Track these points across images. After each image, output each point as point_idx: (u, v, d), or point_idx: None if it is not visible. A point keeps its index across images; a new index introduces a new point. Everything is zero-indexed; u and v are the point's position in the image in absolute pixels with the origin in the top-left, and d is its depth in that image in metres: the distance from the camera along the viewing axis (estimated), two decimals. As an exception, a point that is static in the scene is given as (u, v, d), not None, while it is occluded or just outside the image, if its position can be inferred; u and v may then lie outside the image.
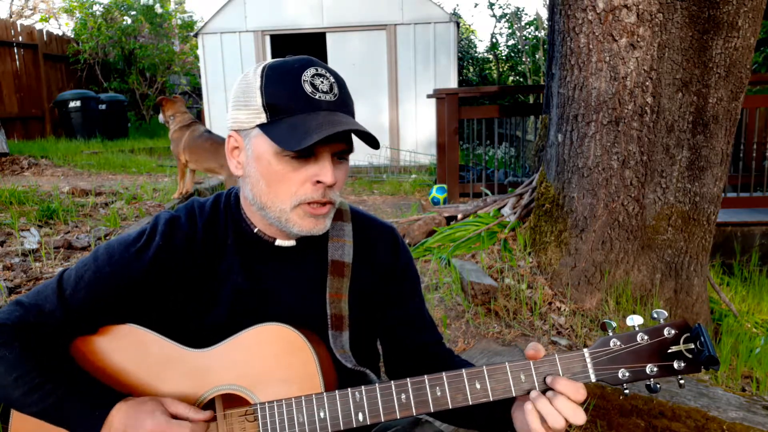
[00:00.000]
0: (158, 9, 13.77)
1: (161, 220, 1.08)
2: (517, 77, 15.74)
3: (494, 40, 16.23)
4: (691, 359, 0.93)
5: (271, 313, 1.04)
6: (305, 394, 0.96)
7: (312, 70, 0.99)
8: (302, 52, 1.23)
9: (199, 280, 1.07)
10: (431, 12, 8.93)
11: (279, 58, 1.04)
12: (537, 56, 14.27)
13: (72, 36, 13.17)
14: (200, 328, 1.05)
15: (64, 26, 19.53)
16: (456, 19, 9.35)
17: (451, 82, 8.96)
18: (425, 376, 0.94)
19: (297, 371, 0.97)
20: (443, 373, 0.94)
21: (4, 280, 2.87)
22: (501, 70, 16.05)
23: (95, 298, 1.01)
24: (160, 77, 13.62)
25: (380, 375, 1.24)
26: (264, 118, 0.98)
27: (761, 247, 4.21)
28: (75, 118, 10.66)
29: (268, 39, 9.24)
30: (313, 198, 0.98)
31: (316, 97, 0.97)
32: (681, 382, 0.95)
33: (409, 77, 9.10)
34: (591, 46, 2.90)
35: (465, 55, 15.62)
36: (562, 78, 3.09)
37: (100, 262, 1.03)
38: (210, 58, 9.32)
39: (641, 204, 2.97)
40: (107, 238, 3.79)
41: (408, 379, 0.95)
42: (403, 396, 0.94)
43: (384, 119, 9.27)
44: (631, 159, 2.92)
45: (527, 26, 15.22)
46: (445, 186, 5.54)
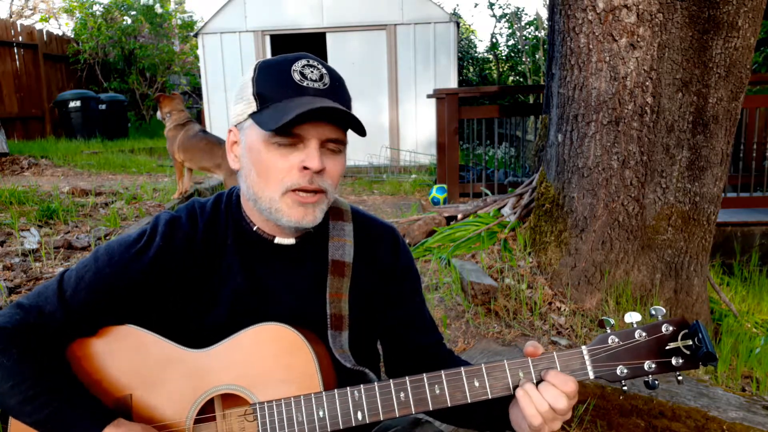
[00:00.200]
0: (158, 9, 13.77)
1: (161, 220, 1.08)
2: (517, 77, 15.74)
3: (494, 40, 16.25)
4: (689, 356, 0.93)
5: (271, 313, 1.04)
6: (304, 394, 0.96)
7: (303, 62, 1.00)
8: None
9: (199, 280, 1.06)
10: (431, 12, 8.93)
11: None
12: (537, 56, 14.27)
13: (72, 36, 13.17)
14: (200, 328, 1.05)
15: (64, 26, 19.56)
16: (456, 19, 9.35)
17: (451, 82, 8.96)
18: (424, 374, 0.94)
19: (296, 371, 0.97)
20: (442, 371, 0.94)
21: (4, 280, 2.87)
22: (501, 70, 16.06)
23: (96, 299, 1.01)
24: (160, 77, 13.61)
25: (380, 375, 1.23)
26: (255, 107, 1.00)
27: (761, 247, 4.21)
28: (75, 118, 10.66)
29: (268, 39, 9.24)
30: (300, 184, 0.98)
31: (304, 84, 0.98)
32: (680, 378, 0.95)
33: (409, 77, 9.10)
34: (591, 46, 2.90)
35: (465, 55, 15.62)
36: (562, 78, 3.09)
37: (100, 262, 1.03)
38: (210, 58, 9.32)
39: (641, 204, 2.97)
40: (107, 238, 3.79)
41: (407, 377, 0.94)
42: (402, 394, 0.94)
43: (384, 119, 9.27)
44: (631, 159, 2.92)
45: (527, 26, 15.23)
46: (445, 186, 5.54)
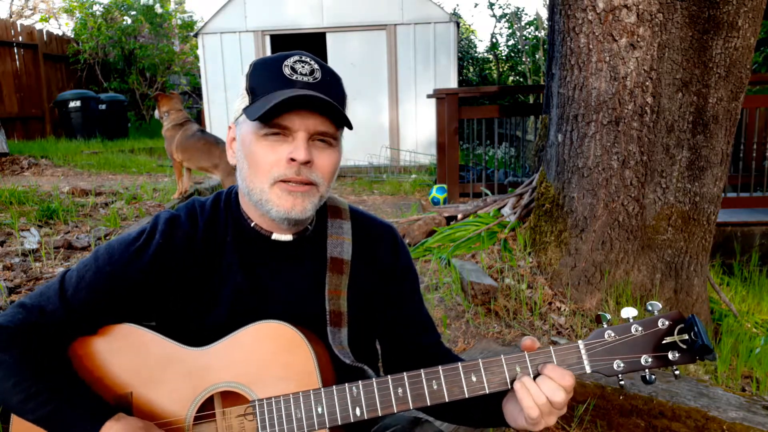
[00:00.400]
0: (158, 9, 13.77)
1: (161, 219, 1.08)
2: (517, 77, 15.75)
3: (494, 40, 16.26)
4: (686, 350, 0.93)
5: (270, 311, 1.05)
6: (303, 390, 0.96)
7: (296, 58, 1.01)
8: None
9: (199, 280, 1.07)
10: (431, 12, 8.93)
11: None
12: (537, 56, 14.27)
13: (72, 36, 13.18)
14: (201, 328, 1.05)
15: (64, 26, 19.55)
16: (456, 19, 9.35)
17: (451, 82, 8.96)
18: (422, 370, 0.95)
19: (295, 369, 0.98)
20: (439, 366, 0.95)
21: (4, 280, 2.87)
22: (501, 70, 16.06)
23: (96, 298, 1.01)
24: (160, 77, 13.62)
25: (379, 374, 1.24)
26: (247, 101, 1.02)
27: (761, 247, 4.21)
28: (75, 118, 10.66)
29: (268, 39, 9.24)
30: (287, 175, 0.99)
31: (293, 78, 0.99)
32: (676, 373, 0.96)
33: (409, 77, 9.10)
34: (591, 46, 2.90)
35: (465, 55, 15.62)
36: (562, 78, 3.09)
37: (100, 261, 1.03)
38: (210, 58, 9.32)
39: (641, 204, 2.97)
40: (107, 238, 3.79)
41: (405, 373, 0.95)
42: (399, 390, 0.94)
43: (384, 119, 9.27)
44: (631, 159, 2.92)
45: (527, 26, 15.23)
46: (445, 186, 5.54)
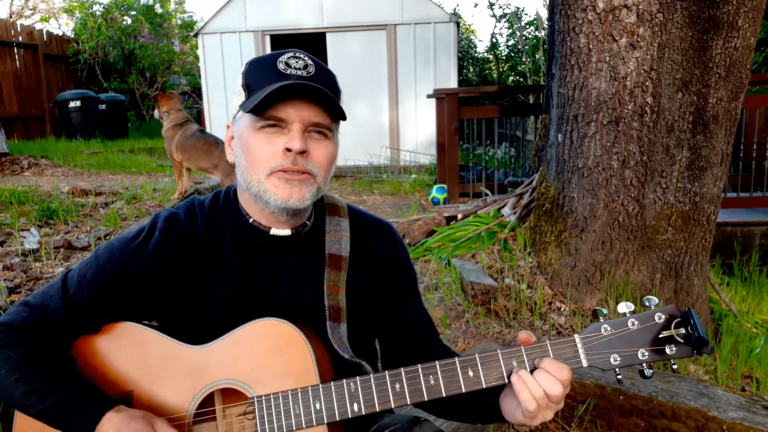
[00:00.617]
0: (158, 9, 13.77)
1: (161, 217, 1.09)
2: (517, 77, 15.75)
3: (494, 40, 16.26)
4: (683, 343, 0.94)
5: (270, 308, 1.06)
6: (301, 387, 0.97)
7: (290, 54, 1.03)
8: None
9: (199, 278, 1.07)
10: (431, 12, 8.92)
11: None
12: (537, 56, 14.27)
13: (72, 36, 13.18)
14: (202, 326, 1.06)
15: (64, 26, 19.54)
16: (456, 19, 9.35)
17: (451, 82, 8.96)
18: (419, 365, 0.96)
19: (293, 366, 0.99)
20: (436, 362, 0.96)
21: (4, 280, 2.87)
22: (501, 70, 16.06)
23: (97, 296, 1.03)
24: (160, 77, 13.62)
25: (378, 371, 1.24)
26: (244, 97, 1.03)
27: (761, 247, 4.21)
28: (75, 118, 10.66)
29: (268, 39, 9.24)
30: (283, 165, 1.00)
31: (287, 72, 1.00)
32: (674, 367, 0.97)
33: (409, 77, 9.10)
34: (591, 46, 2.90)
35: (465, 55, 15.62)
36: (562, 78, 3.09)
37: (100, 260, 1.05)
38: (210, 58, 9.32)
39: (641, 204, 2.97)
40: (107, 238, 3.79)
41: (402, 368, 0.96)
42: (397, 385, 0.95)
43: (384, 119, 9.27)
44: (631, 159, 2.92)
45: (527, 26, 15.23)
46: (445, 186, 5.54)
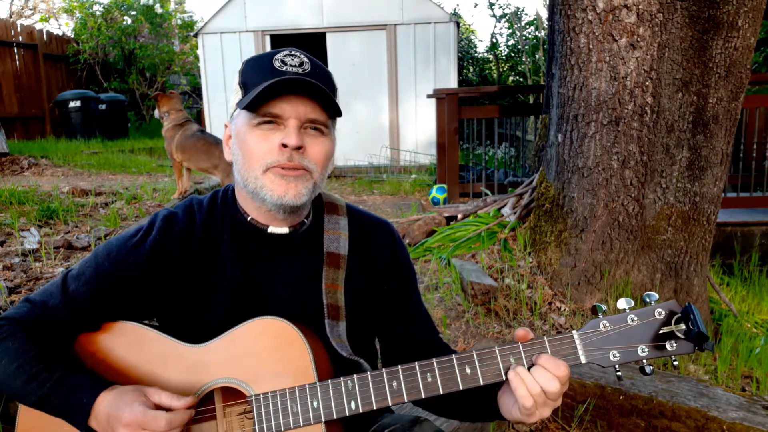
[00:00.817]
0: (158, 9, 13.77)
1: (159, 216, 1.10)
2: (517, 77, 15.75)
3: (494, 40, 16.26)
4: (684, 339, 0.92)
5: (268, 306, 1.06)
6: (299, 385, 0.97)
7: (286, 52, 1.03)
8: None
9: (197, 277, 1.07)
10: (431, 12, 8.92)
11: None
12: (537, 56, 14.27)
13: (72, 36, 13.18)
14: (201, 325, 1.06)
15: (64, 26, 19.54)
16: (456, 19, 9.35)
17: (451, 82, 8.95)
18: (416, 362, 0.95)
19: (291, 364, 0.99)
20: (434, 359, 0.95)
21: (4, 280, 2.87)
22: (501, 70, 16.06)
23: (96, 295, 1.04)
24: (160, 77, 13.62)
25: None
26: (240, 95, 1.04)
27: (761, 247, 4.21)
28: (75, 118, 10.66)
29: (268, 39, 9.23)
30: (279, 161, 1.00)
31: (283, 69, 1.01)
32: (675, 363, 0.95)
33: (409, 77, 9.09)
34: (591, 46, 2.90)
35: (465, 55, 15.62)
36: (562, 78, 3.09)
37: (99, 259, 1.06)
38: (210, 58, 9.32)
39: (641, 204, 2.97)
40: (107, 238, 3.79)
41: (399, 366, 0.96)
42: (394, 383, 0.95)
43: (384, 119, 9.27)
44: (631, 159, 2.92)
45: (527, 26, 15.23)
46: (445, 186, 5.54)
